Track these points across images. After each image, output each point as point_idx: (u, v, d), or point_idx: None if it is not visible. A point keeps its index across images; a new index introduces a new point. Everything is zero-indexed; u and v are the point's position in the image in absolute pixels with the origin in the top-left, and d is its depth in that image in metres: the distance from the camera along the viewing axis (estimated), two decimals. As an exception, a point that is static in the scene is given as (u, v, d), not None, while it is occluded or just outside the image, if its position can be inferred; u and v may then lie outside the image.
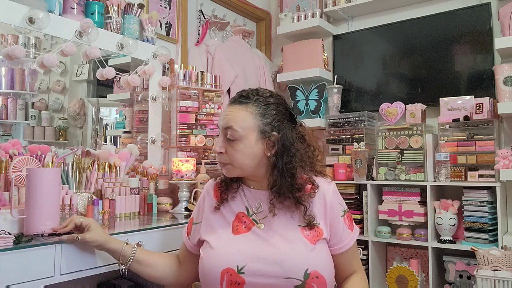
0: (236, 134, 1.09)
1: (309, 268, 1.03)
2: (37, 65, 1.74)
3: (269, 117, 1.11)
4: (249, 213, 1.16)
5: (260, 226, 1.12)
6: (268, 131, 1.10)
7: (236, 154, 1.10)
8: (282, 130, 1.12)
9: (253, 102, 1.12)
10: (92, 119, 2.25)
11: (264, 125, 1.10)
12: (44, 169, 1.48)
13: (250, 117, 1.10)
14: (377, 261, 2.50)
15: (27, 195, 1.34)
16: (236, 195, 1.19)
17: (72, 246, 1.28)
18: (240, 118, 1.10)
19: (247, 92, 1.15)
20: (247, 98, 1.12)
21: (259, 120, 1.10)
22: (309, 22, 2.92)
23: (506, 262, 1.92)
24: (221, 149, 1.12)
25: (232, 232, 1.13)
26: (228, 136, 1.10)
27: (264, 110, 1.11)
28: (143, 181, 2.03)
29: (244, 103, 1.12)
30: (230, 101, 1.16)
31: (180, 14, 2.54)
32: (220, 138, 1.13)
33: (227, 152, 1.11)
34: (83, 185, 1.83)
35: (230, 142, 1.10)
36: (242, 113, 1.10)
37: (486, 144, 2.21)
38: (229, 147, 1.11)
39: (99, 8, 1.98)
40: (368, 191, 2.45)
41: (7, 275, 1.14)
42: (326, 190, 1.15)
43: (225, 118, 1.12)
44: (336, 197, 1.17)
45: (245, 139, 1.09)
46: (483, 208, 2.14)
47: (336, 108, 2.84)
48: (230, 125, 1.09)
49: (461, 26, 2.51)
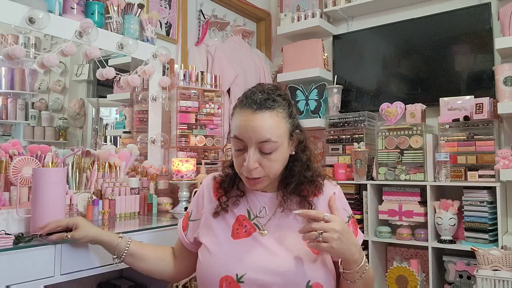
0: (275, 145, 1.00)
1: (311, 280, 0.99)
2: (37, 65, 1.74)
3: (294, 116, 1.06)
4: (250, 217, 1.10)
5: (263, 233, 1.06)
6: (294, 130, 1.06)
7: (274, 164, 1.02)
8: (299, 125, 1.08)
9: (279, 105, 1.02)
10: (92, 119, 2.25)
11: (292, 126, 1.05)
12: (50, 169, 1.48)
13: (283, 122, 1.02)
14: (377, 261, 2.50)
15: (33, 194, 1.35)
16: (238, 198, 1.13)
17: (72, 246, 1.28)
18: (275, 126, 0.99)
19: (266, 92, 1.02)
20: (273, 101, 1.01)
21: (289, 123, 1.04)
22: (309, 22, 2.92)
23: (506, 262, 1.92)
24: (256, 164, 1.00)
25: (232, 236, 1.07)
26: (265, 150, 0.99)
27: (289, 110, 1.04)
28: (143, 181, 2.03)
29: (273, 108, 1.00)
30: (250, 106, 1.00)
31: (180, 14, 2.54)
32: (253, 152, 1.00)
33: (262, 165, 1.01)
34: (83, 185, 1.83)
35: (266, 155, 1.00)
36: (274, 120, 1.00)
37: (486, 144, 2.21)
38: (264, 160, 1.00)
39: (99, 8, 1.98)
40: (368, 191, 2.45)
41: (7, 275, 1.14)
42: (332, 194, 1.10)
43: (258, 129, 0.98)
44: (341, 202, 1.13)
45: (282, 146, 1.02)
46: (483, 208, 2.14)
47: (336, 108, 2.84)
48: (268, 137, 0.98)
49: (461, 26, 2.51)
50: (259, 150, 1.00)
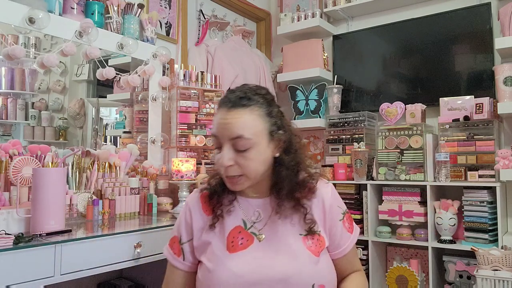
0: (249, 143, 0.97)
1: (315, 283, 0.98)
2: (37, 65, 1.75)
3: (275, 115, 1.03)
4: (247, 226, 1.05)
5: (261, 237, 1.03)
6: (275, 130, 1.02)
7: (250, 163, 0.98)
8: (284, 126, 1.05)
9: (255, 103, 1.01)
10: (92, 119, 2.25)
11: (271, 125, 1.02)
12: (50, 169, 1.48)
13: (258, 120, 1.00)
14: (377, 261, 2.50)
15: (33, 194, 1.35)
16: (231, 208, 1.07)
17: (72, 246, 1.28)
18: (248, 123, 0.98)
19: (244, 92, 1.02)
20: (248, 99, 1.00)
21: (267, 121, 1.01)
22: (309, 22, 2.92)
23: (506, 262, 1.92)
24: (230, 161, 0.98)
25: (228, 250, 1.02)
26: (239, 147, 0.98)
27: (268, 109, 1.02)
28: (143, 181, 2.03)
29: (248, 106, 0.99)
30: (225, 104, 1.01)
31: (180, 14, 2.54)
32: (227, 149, 0.99)
33: (238, 164, 0.98)
34: (83, 185, 1.83)
35: (241, 152, 0.98)
36: (248, 117, 0.98)
37: (486, 144, 2.21)
38: (240, 158, 0.98)
39: (99, 8, 1.98)
40: (368, 191, 2.45)
41: (7, 275, 1.14)
42: (325, 193, 1.09)
43: (230, 126, 0.98)
44: (335, 199, 1.10)
45: (258, 145, 0.99)
46: (483, 208, 2.13)
47: (336, 108, 2.84)
48: (240, 134, 0.97)
49: (461, 26, 2.51)
50: (234, 147, 0.98)
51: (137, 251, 1.48)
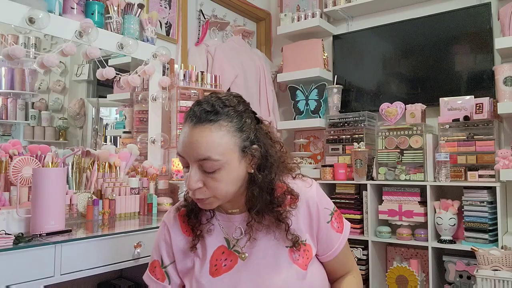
0: (217, 164, 0.86)
1: None
2: (37, 65, 1.74)
3: (247, 129, 0.91)
4: (230, 245, 0.98)
5: (244, 256, 0.96)
6: (248, 145, 0.90)
7: (220, 185, 0.88)
8: (259, 138, 0.93)
9: (224, 117, 0.88)
10: (92, 119, 2.25)
11: (243, 141, 0.90)
12: (50, 169, 1.48)
13: (227, 137, 0.87)
14: (377, 261, 2.50)
15: (33, 194, 1.35)
16: (211, 226, 0.99)
17: (72, 246, 1.28)
18: (216, 143, 0.86)
19: (210, 104, 0.89)
20: (216, 114, 0.87)
21: (237, 137, 0.89)
22: (309, 22, 2.92)
23: (506, 262, 1.92)
24: (198, 184, 0.88)
25: (211, 274, 0.95)
26: (207, 169, 0.87)
27: (240, 122, 0.90)
28: (143, 181, 2.03)
29: (215, 121, 0.87)
30: (190, 120, 0.88)
31: (180, 14, 2.54)
32: (194, 171, 0.88)
33: (207, 185, 0.89)
34: (83, 185, 1.83)
35: (209, 174, 0.88)
36: (215, 135, 0.86)
37: (486, 144, 2.21)
38: (208, 180, 0.88)
39: (99, 8, 1.98)
40: (368, 191, 2.45)
41: (7, 275, 1.14)
42: (310, 196, 0.99)
43: (195, 145, 0.86)
44: (320, 200, 1.00)
45: (228, 164, 0.88)
46: (483, 208, 2.13)
47: (336, 108, 2.84)
48: (206, 155, 0.86)
49: (461, 26, 2.51)
50: (201, 168, 0.88)
51: (137, 251, 1.48)
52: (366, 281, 2.44)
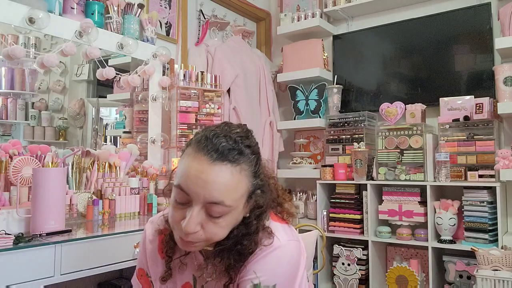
0: (227, 210, 0.76)
1: None
2: (37, 65, 1.74)
3: (259, 174, 0.81)
4: (196, 284, 0.88)
5: None
6: (254, 192, 0.81)
7: (220, 231, 0.78)
8: (265, 184, 0.83)
9: (247, 159, 0.78)
10: (92, 119, 2.25)
11: (253, 187, 0.80)
12: (50, 169, 1.49)
13: (244, 183, 0.77)
14: (377, 261, 2.50)
15: (33, 194, 1.35)
16: (186, 259, 0.89)
17: (72, 246, 1.28)
18: (232, 187, 0.75)
19: (234, 140, 0.77)
20: (240, 154, 0.76)
21: (251, 183, 0.79)
22: (309, 22, 2.92)
23: (506, 262, 1.92)
24: (197, 227, 0.76)
25: None
26: (213, 213, 0.76)
27: (256, 168, 0.80)
28: (143, 181, 2.03)
29: (238, 163, 0.76)
30: (208, 153, 0.75)
31: (180, 14, 2.54)
32: (196, 212, 0.75)
33: (205, 229, 0.77)
34: (83, 185, 1.83)
35: (213, 218, 0.76)
36: (235, 178, 0.75)
37: (486, 144, 2.21)
38: (209, 224, 0.76)
39: (99, 8, 1.98)
40: (368, 191, 2.45)
41: (7, 275, 1.14)
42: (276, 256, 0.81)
43: (209, 186, 0.74)
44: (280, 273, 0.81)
45: (234, 210, 0.77)
46: (483, 208, 2.13)
47: (336, 108, 2.84)
48: (219, 200, 0.74)
49: (461, 26, 2.51)
50: (206, 211, 0.76)
51: (137, 251, 1.48)
52: (366, 281, 2.45)
